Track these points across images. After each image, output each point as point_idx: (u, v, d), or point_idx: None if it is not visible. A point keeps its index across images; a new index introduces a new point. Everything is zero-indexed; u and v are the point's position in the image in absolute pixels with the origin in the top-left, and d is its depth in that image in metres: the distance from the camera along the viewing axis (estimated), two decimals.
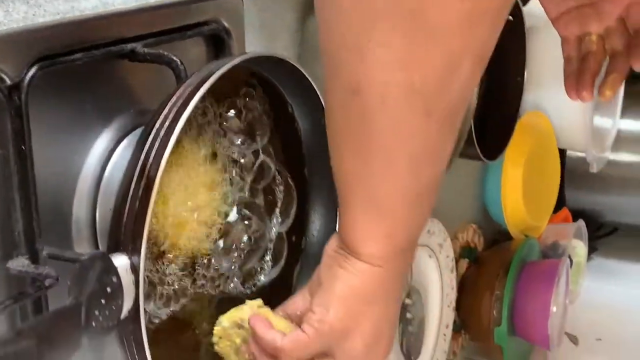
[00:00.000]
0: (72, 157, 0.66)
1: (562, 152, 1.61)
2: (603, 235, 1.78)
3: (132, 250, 0.57)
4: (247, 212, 0.72)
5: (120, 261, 0.57)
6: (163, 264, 0.66)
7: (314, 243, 0.80)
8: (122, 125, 0.69)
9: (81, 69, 0.65)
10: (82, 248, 0.66)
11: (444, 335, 1.28)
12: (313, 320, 0.62)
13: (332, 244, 0.63)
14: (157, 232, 0.64)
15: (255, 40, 0.83)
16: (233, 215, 0.71)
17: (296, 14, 0.88)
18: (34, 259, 0.61)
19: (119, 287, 0.55)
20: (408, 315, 1.16)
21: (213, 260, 0.69)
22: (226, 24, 0.77)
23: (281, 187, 0.76)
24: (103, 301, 0.53)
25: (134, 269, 0.57)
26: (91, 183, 0.67)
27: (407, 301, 1.15)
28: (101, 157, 0.68)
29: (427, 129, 0.53)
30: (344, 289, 0.61)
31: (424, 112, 0.52)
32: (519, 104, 1.29)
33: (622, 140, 1.68)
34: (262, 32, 0.84)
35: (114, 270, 0.55)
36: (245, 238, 0.72)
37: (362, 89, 0.52)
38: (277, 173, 0.76)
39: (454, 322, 1.31)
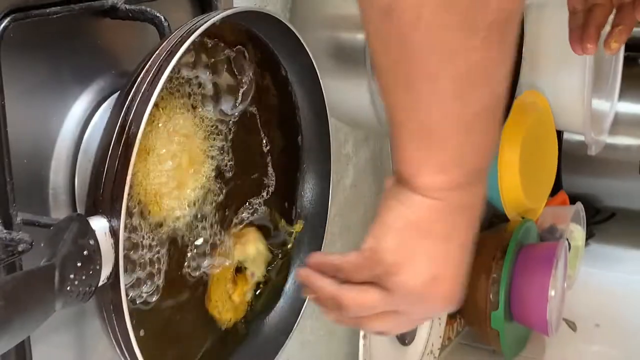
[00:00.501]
0: (49, 119, 0.62)
1: (559, 136, 1.58)
2: (600, 220, 1.75)
3: (111, 212, 0.53)
4: (231, 175, 0.68)
5: (99, 224, 0.53)
6: (149, 233, 0.62)
7: (307, 215, 0.77)
8: (103, 87, 0.65)
9: (59, 25, 0.61)
10: (60, 215, 0.62)
11: (439, 319, 1.24)
12: (364, 249, 0.59)
13: (391, 179, 0.59)
14: (140, 194, 0.60)
15: (243, 5, 0.79)
16: (218, 179, 0.67)
17: None
18: (7, 224, 0.57)
19: (96, 250, 0.51)
20: None
21: (199, 227, 0.65)
22: None
23: (269, 151, 0.72)
24: (79, 264, 0.49)
25: (113, 233, 0.53)
26: (70, 147, 0.63)
27: None
28: (80, 120, 0.64)
29: (470, 46, 0.49)
30: (398, 220, 0.57)
31: (463, 28, 0.48)
32: (516, 82, 1.25)
33: (620, 123, 1.65)
34: None
35: (91, 232, 0.51)
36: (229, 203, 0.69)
37: (395, 9, 0.48)
38: (264, 135, 0.72)
39: None
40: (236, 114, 0.68)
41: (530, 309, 1.26)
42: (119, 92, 0.63)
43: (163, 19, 0.64)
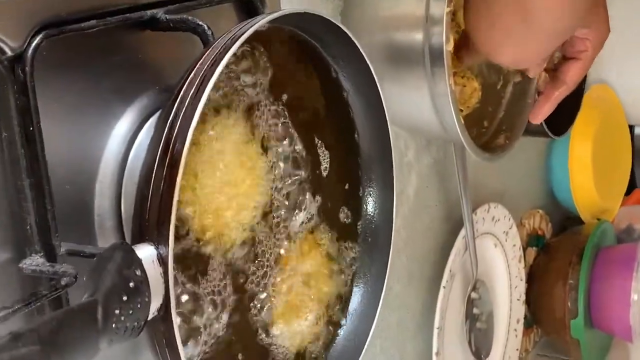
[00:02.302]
0: (91, 140, 0.58)
1: (630, 132, 1.51)
2: None
3: (159, 238, 0.49)
4: (288, 191, 0.64)
5: (145, 252, 0.48)
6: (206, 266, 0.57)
7: (371, 229, 0.72)
8: (146, 104, 0.61)
9: (96, 40, 0.57)
10: (107, 242, 0.58)
11: (515, 330, 1.18)
12: None
13: None
14: (192, 220, 0.56)
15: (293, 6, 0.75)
16: (275, 195, 0.63)
17: None
18: (50, 256, 0.53)
19: (144, 281, 0.47)
20: (475, 310, 1.07)
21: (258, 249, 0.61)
22: None
23: (328, 161, 0.68)
24: (125, 298, 0.45)
25: (162, 261, 0.48)
26: (114, 169, 0.59)
27: (474, 295, 1.06)
28: (124, 140, 0.60)
29: None
30: None
31: None
32: (584, 77, 1.19)
33: None
34: (300, 0, 0.76)
35: (137, 262, 0.47)
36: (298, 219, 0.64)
37: None
38: (320, 143, 0.67)
39: (525, 316, 1.21)
40: (290, 123, 0.63)
41: (612, 315, 1.19)
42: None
43: (206, 27, 0.60)
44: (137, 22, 0.59)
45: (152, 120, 0.61)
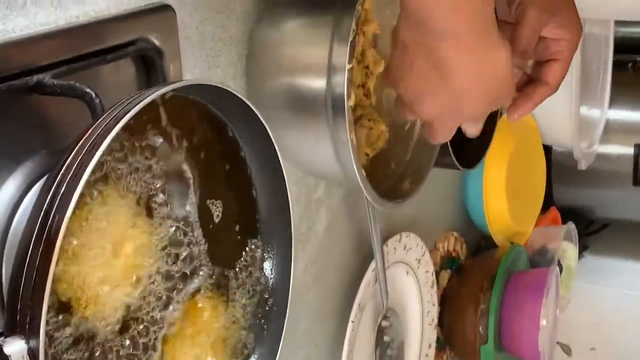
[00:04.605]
0: None
1: (548, 148, 1.53)
2: (594, 231, 1.70)
3: (30, 331, 0.48)
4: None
5: (15, 347, 0.47)
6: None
7: (271, 287, 0.71)
8: (33, 168, 0.59)
9: None
10: None
11: (427, 356, 1.19)
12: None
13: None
14: (71, 299, 0.54)
15: (193, 57, 0.73)
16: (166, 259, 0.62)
17: (242, 24, 0.79)
18: None
19: None
20: (386, 338, 1.08)
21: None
22: (156, 42, 0.67)
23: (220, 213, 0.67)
24: None
25: (32, 355, 0.47)
26: None
27: (384, 323, 1.07)
28: (8, 206, 0.58)
29: None
30: (400, 19, 0.61)
31: None
32: None
33: (611, 132, 1.60)
34: (202, 47, 0.75)
35: None
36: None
37: None
38: (215, 207, 0.66)
39: (438, 339, 1.23)
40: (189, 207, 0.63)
41: (521, 341, 1.21)
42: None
43: (94, 95, 0.58)
44: (23, 88, 0.58)
45: (38, 185, 0.59)
